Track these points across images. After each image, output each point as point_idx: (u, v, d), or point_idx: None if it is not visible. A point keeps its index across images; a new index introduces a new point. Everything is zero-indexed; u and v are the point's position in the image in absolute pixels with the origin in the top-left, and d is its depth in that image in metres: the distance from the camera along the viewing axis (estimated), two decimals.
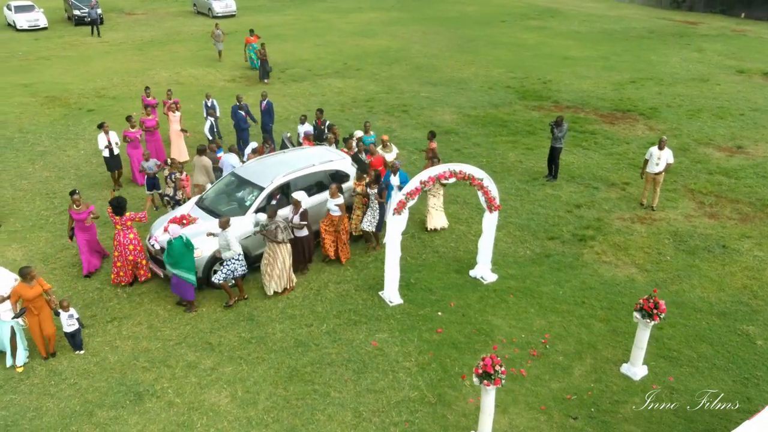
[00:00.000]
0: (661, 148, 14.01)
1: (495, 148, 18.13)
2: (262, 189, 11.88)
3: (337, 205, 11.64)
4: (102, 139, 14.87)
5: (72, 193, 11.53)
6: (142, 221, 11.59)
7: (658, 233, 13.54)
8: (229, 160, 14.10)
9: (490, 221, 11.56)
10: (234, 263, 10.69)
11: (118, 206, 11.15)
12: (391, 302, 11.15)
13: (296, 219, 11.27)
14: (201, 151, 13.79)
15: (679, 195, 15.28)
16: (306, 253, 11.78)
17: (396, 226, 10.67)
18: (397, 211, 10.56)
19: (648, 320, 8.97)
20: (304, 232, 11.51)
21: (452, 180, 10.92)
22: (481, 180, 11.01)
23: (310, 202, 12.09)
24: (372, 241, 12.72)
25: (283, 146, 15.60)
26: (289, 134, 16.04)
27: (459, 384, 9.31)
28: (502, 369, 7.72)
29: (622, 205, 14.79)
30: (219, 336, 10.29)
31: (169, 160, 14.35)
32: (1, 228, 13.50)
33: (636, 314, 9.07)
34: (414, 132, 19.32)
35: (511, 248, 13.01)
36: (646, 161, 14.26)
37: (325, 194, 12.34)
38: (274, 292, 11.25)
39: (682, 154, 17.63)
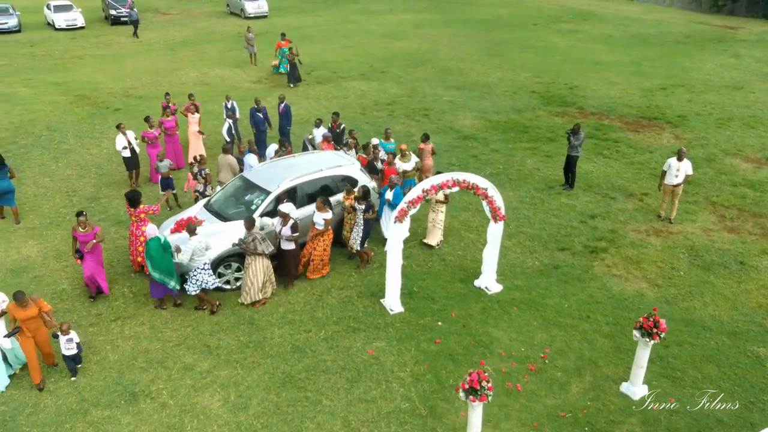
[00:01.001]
0: (680, 159, 13.63)
1: (513, 155, 17.89)
2: (268, 193, 11.94)
3: (324, 219, 11.44)
4: (120, 140, 15.14)
5: (79, 214, 10.90)
6: (155, 213, 11.90)
7: (673, 247, 13.17)
8: (248, 161, 14.34)
9: (495, 232, 11.39)
10: (202, 274, 10.59)
11: (133, 198, 11.60)
12: (391, 310, 11.09)
13: (286, 231, 11.11)
14: (226, 150, 14.22)
15: (700, 207, 14.84)
16: (293, 267, 11.55)
17: (398, 234, 10.60)
18: (399, 219, 10.49)
19: (647, 339, 8.72)
20: (291, 246, 11.26)
21: (455, 189, 10.80)
22: (486, 190, 10.87)
23: (304, 213, 12.06)
24: (361, 258, 12.35)
25: (305, 148, 15.67)
26: (310, 137, 16.08)
27: (452, 397, 9.20)
28: (489, 385, 7.61)
29: (638, 216, 14.43)
30: (218, 339, 10.38)
31: (198, 156, 14.70)
32: (20, 224, 13.86)
33: (635, 332, 8.83)
34: (433, 137, 19.00)
35: (519, 258, 12.82)
36: (664, 173, 13.88)
37: (331, 199, 12.40)
38: (246, 303, 11.14)
39: (707, 165, 17.13)
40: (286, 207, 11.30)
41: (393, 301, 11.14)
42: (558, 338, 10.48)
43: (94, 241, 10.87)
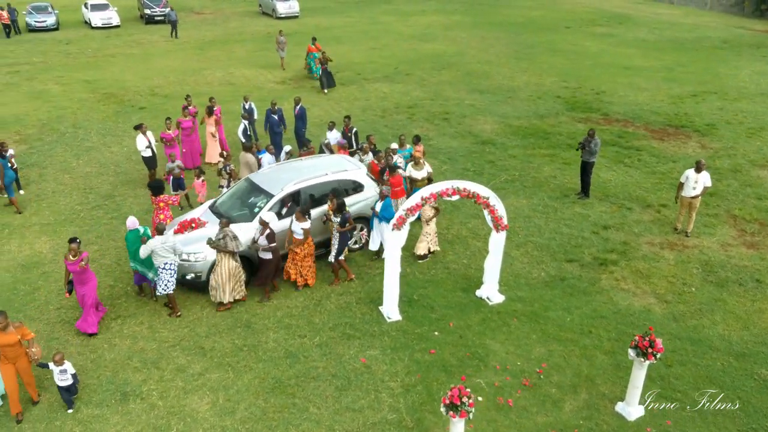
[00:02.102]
0: (698, 170, 13.18)
1: (531, 161, 17.58)
2: (272, 196, 11.96)
3: (302, 229, 11.25)
4: (141, 140, 15.36)
5: (71, 240, 10.06)
6: (174, 204, 12.66)
7: (687, 261, 12.74)
8: (266, 161, 14.54)
9: (497, 241, 11.19)
10: (164, 273, 10.57)
11: (156, 187, 12.55)
12: (389, 318, 10.99)
13: (263, 241, 10.99)
14: (247, 149, 14.61)
15: (720, 220, 14.33)
16: (269, 278, 11.28)
17: (395, 241, 10.49)
18: (397, 226, 10.38)
19: (642, 359, 8.43)
20: (268, 255, 11.08)
21: (455, 198, 10.64)
22: (487, 199, 10.68)
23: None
24: (335, 272, 11.94)
25: (321, 151, 15.67)
26: (326, 141, 16.02)
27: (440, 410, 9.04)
28: (470, 401, 7.47)
29: (653, 228, 14.01)
30: (213, 341, 10.43)
31: (225, 153, 14.94)
32: (36, 220, 14.17)
33: (630, 351, 8.55)
34: (451, 141, 19.01)
35: (525, 269, 12.56)
36: (682, 184, 13.44)
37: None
38: (219, 302, 11.12)
39: (732, 176, 16.55)
40: (268, 216, 11.10)
41: (391, 309, 11.04)
42: (556, 353, 10.22)
43: (83, 263, 10.03)
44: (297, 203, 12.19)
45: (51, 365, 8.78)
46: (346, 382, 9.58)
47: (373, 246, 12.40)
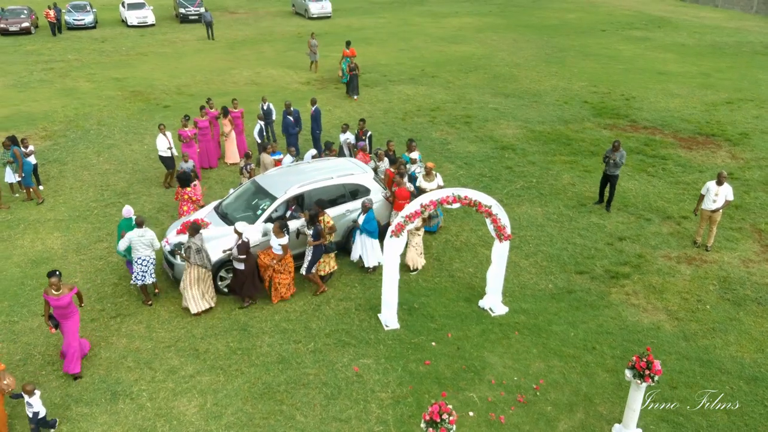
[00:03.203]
0: (719, 183, 12.62)
1: (550, 168, 17.15)
2: (275, 199, 11.89)
3: (281, 244, 10.88)
4: (162, 140, 15.47)
5: (50, 274, 9.13)
6: (197, 199, 13.07)
7: (704, 277, 12.21)
8: (286, 162, 14.58)
9: (500, 251, 10.89)
10: (138, 265, 10.78)
11: (183, 179, 13.04)
12: (387, 326, 10.79)
13: (234, 251, 10.81)
14: (266, 149, 15.02)
15: (743, 235, 13.71)
16: (243, 287, 11.06)
17: (394, 249, 10.29)
18: (395, 233, 10.18)
19: (639, 381, 8.06)
20: (241, 266, 10.89)
21: (456, 206, 10.38)
22: (489, 207, 10.39)
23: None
24: (314, 282, 11.64)
25: (341, 153, 15.57)
26: (348, 140, 15.86)
27: None
28: (451, 418, 7.22)
29: (672, 241, 13.48)
30: (208, 343, 10.40)
31: (249, 152, 14.94)
32: (51, 216, 14.42)
33: (627, 372, 8.17)
34: (469, 146, 18.70)
35: (532, 279, 12.22)
36: (702, 197, 12.90)
37: (340, 208, 12.27)
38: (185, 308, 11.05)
39: (762, 188, 15.85)
40: (240, 226, 10.84)
41: (389, 317, 10.84)
42: (556, 369, 9.88)
43: (76, 297, 9.56)
44: (301, 206, 12.10)
45: (23, 395, 8.32)
46: (336, 390, 9.42)
47: (353, 257, 12.11)
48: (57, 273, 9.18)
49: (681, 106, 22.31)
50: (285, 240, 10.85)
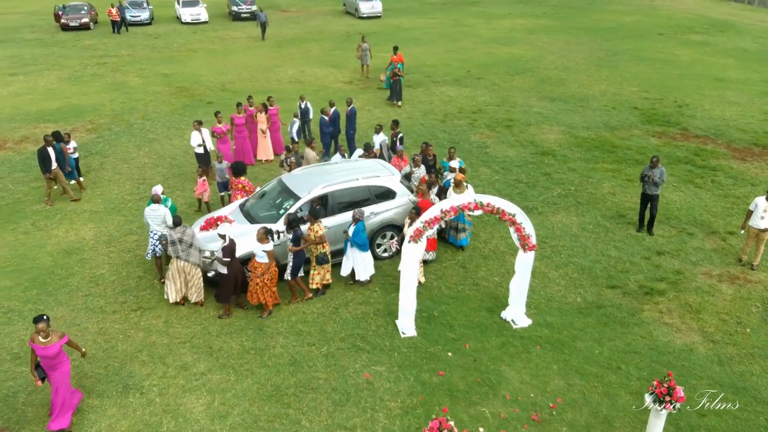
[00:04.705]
0: None
1: (591, 176, 16.52)
2: (298, 198, 11.80)
3: (264, 251, 10.49)
4: (195, 137, 15.62)
5: (37, 320, 8.17)
6: (250, 189, 13.35)
7: (746, 298, 11.47)
8: (336, 160, 14.60)
9: (524, 262, 10.47)
10: (152, 241, 11.46)
11: (237, 169, 13.39)
12: (403, 333, 10.53)
13: (218, 253, 10.61)
14: (309, 144, 15.14)
15: None
16: (225, 292, 10.76)
17: (412, 254, 10.02)
18: (414, 239, 9.91)
19: (659, 407, 7.56)
20: (223, 269, 10.71)
21: (478, 212, 10.04)
22: (513, 216, 10.00)
23: (335, 222, 11.64)
24: (292, 291, 11.33)
25: (380, 155, 15.41)
26: (386, 140, 15.69)
27: None
28: None
29: (714, 258, 12.73)
30: (222, 341, 10.37)
31: (290, 146, 15.14)
32: (86, 207, 14.74)
33: (647, 397, 7.70)
34: (508, 150, 18.22)
35: (560, 292, 11.73)
36: (750, 213, 12.12)
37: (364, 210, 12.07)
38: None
39: None
40: (224, 228, 10.60)
41: (406, 324, 10.58)
42: (576, 388, 9.41)
43: (83, 350, 8.78)
44: (325, 207, 11.96)
45: None
46: (345, 397, 9.22)
47: (344, 271, 11.55)
48: (44, 318, 8.18)
49: (738, 115, 21.20)
50: (269, 246, 10.46)
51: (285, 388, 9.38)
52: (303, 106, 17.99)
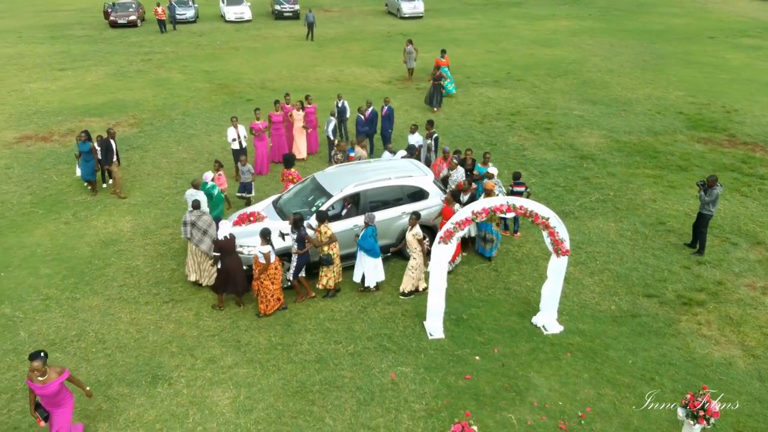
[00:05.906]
0: None
1: (631, 182, 16.09)
2: (330, 196, 11.80)
3: (262, 252, 10.38)
4: (231, 132, 15.83)
5: (33, 357, 7.55)
6: (297, 178, 13.61)
7: None
8: (386, 158, 14.69)
9: (557, 267, 10.24)
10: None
11: (287, 160, 13.83)
12: (431, 335, 10.42)
13: (216, 241, 10.79)
14: (358, 142, 15.42)
15: None
16: (218, 285, 10.90)
17: (441, 256, 9.91)
18: (444, 240, 9.79)
19: (692, 422, 7.28)
20: (218, 264, 10.81)
21: (510, 215, 9.86)
22: (547, 219, 9.79)
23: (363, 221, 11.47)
24: (297, 291, 11.33)
25: (418, 156, 15.40)
26: (429, 141, 15.63)
27: None
28: None
29: (759, 269, 12.25)
30: (251, 335, 10.44)
31: (337, 141, 15.54)
32: (126, 200, 15.06)
33: (680, 411, 7.44)
34: (546, 153, 17.91)
35: (594, 299, 11.45)
36: None
37: (395, 210, 12.01)
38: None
39: None
40: (223, 229, 10.68)
41: (434, 326, 10.47)
42: (607, 398, 9.16)
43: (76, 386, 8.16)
44: (356, 206, 11.94)
45: None
46: (369, 396, 9.17)
47: (356, 277, 11.38)
48: (41, 355, 7.56)
49: None
50: (267, 248, 10.41)
51: (310, 385, 9.38)
52: (340, 105, 18.02)
